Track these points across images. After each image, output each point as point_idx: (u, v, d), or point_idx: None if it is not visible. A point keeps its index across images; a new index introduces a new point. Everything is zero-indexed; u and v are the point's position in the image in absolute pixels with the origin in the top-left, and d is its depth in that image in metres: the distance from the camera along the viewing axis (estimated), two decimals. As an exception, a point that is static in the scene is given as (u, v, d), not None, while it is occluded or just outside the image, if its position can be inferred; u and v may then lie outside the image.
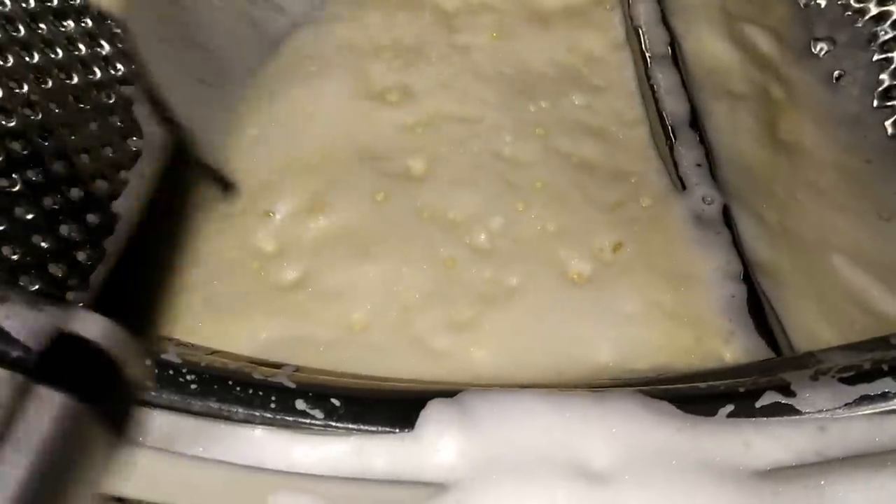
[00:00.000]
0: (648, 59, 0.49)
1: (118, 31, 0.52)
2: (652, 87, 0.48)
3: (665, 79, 0.48)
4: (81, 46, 0.50)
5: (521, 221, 0.44)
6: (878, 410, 0.29)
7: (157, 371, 0.27)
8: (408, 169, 0.46)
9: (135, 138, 0.50)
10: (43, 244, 0.43)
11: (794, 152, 0.49)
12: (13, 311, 0.24)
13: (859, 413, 0.29)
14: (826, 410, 0.30)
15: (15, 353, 0.23)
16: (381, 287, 0.41)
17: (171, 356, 0.28)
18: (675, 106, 0.47)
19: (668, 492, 0.28)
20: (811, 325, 0.41)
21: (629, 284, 0.41)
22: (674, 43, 0.49)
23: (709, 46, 0.50)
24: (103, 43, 0.51)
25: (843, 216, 0.47)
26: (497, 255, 0.43)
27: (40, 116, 0.46)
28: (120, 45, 0.52)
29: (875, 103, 0.52)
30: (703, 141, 0.46)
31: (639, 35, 0.50)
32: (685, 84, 0.48)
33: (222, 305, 0.41)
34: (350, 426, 0.29)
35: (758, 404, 0.30)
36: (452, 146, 0.46)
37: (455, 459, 0.28)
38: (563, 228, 0.43)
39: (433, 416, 0.29)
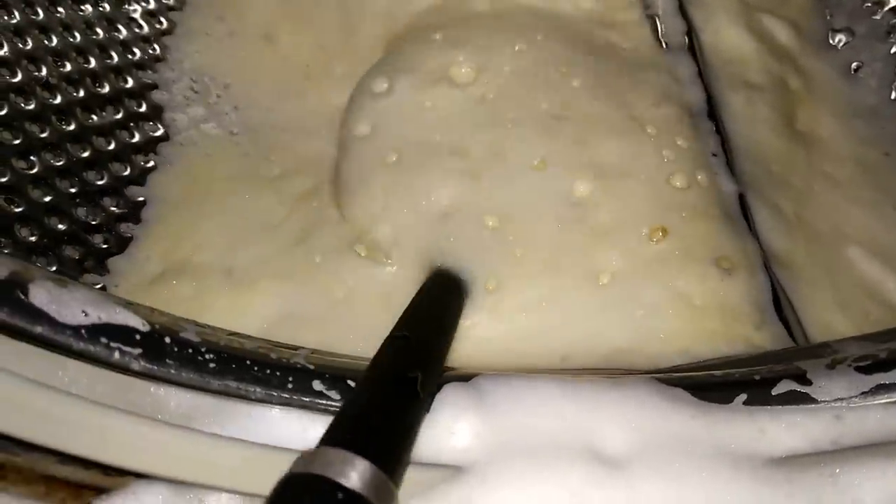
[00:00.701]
0: (665, 48, 0.49)
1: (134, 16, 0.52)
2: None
3: (682, 68, 0.48)
4: (99, 30, 0.50)
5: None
6: (893, 399, 0.29)
7: (176, 350, 0.27)
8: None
9: (154, 123, 0.50)
10: (60, 226, 0.43)
11: (812, 144, 0.49)
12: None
13: (875, 402, 0.29)
14: (842, 399, 0.30)
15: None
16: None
17: (190, 335, 0.28)
18: (691, 96, 0.47)
19: (682, 477, 0.28)
20: (826, 317, 0.41)
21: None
22: (691, 32, 0.49)
23: (726, 37, 0.50)
24: (120, 27, 0.51)
25: (860, 208, 0.47)
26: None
27: (59, 100, 0.46)
28: (137, 31, 0.52)
29: (893, 95, 0.52)
30: (720, 131, 0.46)
31: (655, 24, 0.50)
32: (702, 74, 0.48)
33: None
34: (365, 407, 0.29)
35: (773, 392, 0.30)
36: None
37: (470, 442, 0.28)
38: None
39: (449, 399, 0.29)
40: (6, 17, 0.45)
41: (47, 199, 0.43)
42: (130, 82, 0.51)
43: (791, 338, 0.39)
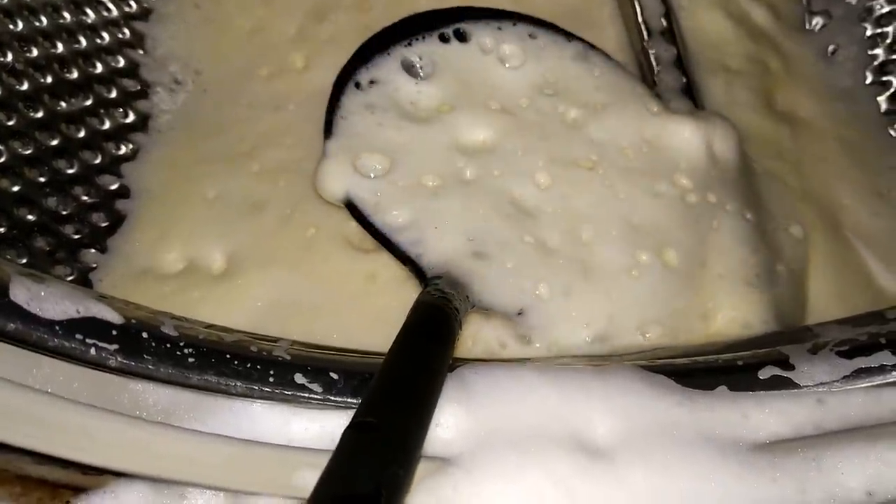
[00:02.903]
0: (645, 32, 0.48)
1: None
2: (647, 60, 0.48)
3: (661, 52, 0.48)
4: (66, 14, 0.48)
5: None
6: (875, 383, 0.30)
7: (154, 345, 0.27)
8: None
9: (124, 111, 0.49)
10: (29, 217, 0.42)
11: (795, 123, 0.49)
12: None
13: (857, 386, 0.30)
14: (824, 384, 0.30)
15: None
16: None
17: (168, 329, 0.28)
18: (671, 80, 0.46)
19: (668, 464, 0.28)
20: (824, 301, 0.42)
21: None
22: (670, 15, 0.49)
23: (705, 20, 0.50)
24: (88, 11, 0.50)
25: (845, 187, 0.47)
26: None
27: (26, 86, 0.45)
28: (105, 14, 0.51)
29: (869, 79, 0.52)
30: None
31: (634, 7, 0.49)
32: (681, 58, 0.48)
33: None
34: (349, 400, 0.29)
35: (756, 378, 0.30)
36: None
37: (455, 434, 0.28)
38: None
39: (433, 390, 0.29)
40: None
41: (15, 189, 0.42)
42: (100, 68, 0.49)
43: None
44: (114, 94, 0.49)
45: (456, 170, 0.41)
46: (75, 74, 0.47)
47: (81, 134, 0.46)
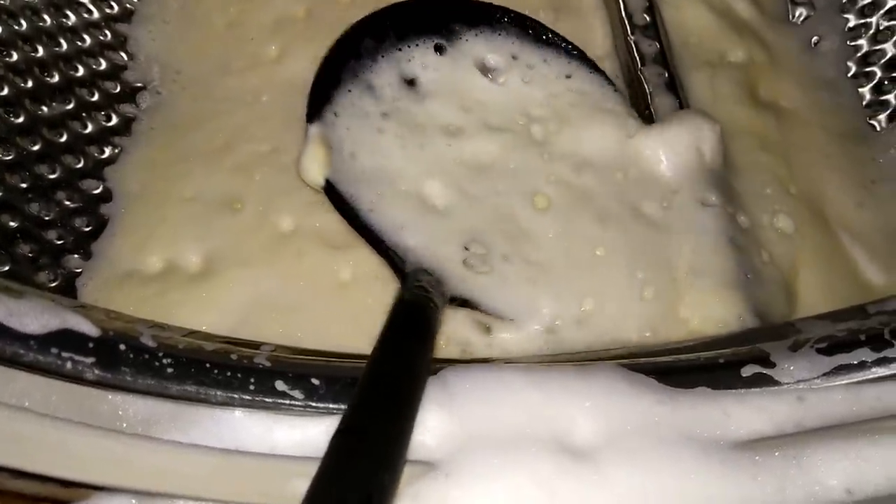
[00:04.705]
0: (628, 27, 0.48)
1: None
2: (631, 54, 0.48)
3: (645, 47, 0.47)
4: (46, 17, 0.48)
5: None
6: (855, 380, 0.30)
7: (133, 356, 0.26)
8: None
9: (107, 114, 0.49)
10: (12, 224, 0.42)
11: (780, 113, 0.49)
12: None
13: (837, 383, 0.30)
14: (804, 381, 0.30)
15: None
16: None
17: (146, 340, 0.27)
18: (655, 75, 0.46)
19: (650, 464, 0.28)
20: (813, 294, 0.42)
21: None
22: (653, 10, 0.49)
23: (689, 14, 0.50)
24: (69, 13, 0.50)
25: (830, 178, 0.47)
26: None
27: (6, 91, 0.44)
28: (85, 16, 0.50)
29: (852, 69, 0.52)
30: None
31: (617, 1, 0.49)
32: (664, 52, 0.47)
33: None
34: (331, 406, 0.29)
35: (738, 376, 0.30)
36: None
37: (439, 437, 0.28)
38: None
39: (415, 394, 0.29)
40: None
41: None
42: (82, 71, 0.49)
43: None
44: (96, 97, 0.49)
45: (446, 170, 0.42)
46: (56, 78, 0.47)
47: (63, 138, 0.46)
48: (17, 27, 0.46)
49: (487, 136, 0.43)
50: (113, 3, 0.52)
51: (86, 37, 0.50)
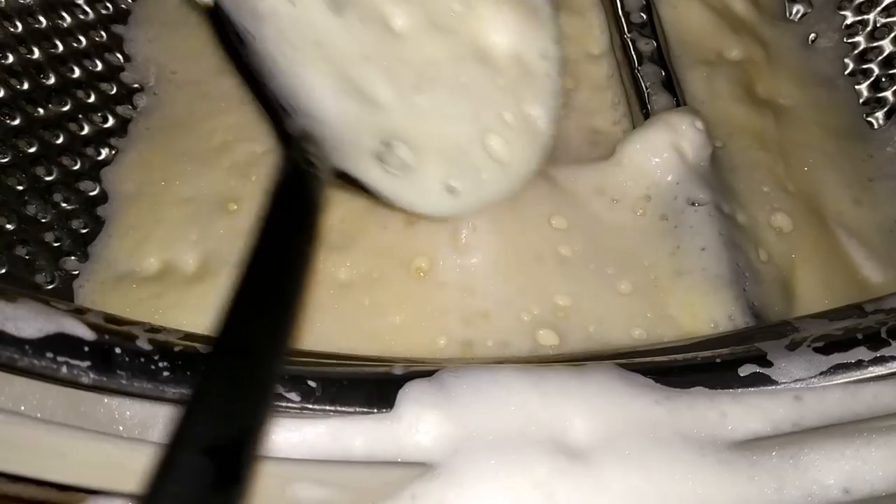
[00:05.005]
0: (625, 25, 0.48)
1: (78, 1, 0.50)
2: (628, 53, 0.48)
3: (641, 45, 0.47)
4: (42, 19, 0.48)
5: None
6: (852, 379, 0.30)
7: (128, 360, 0.26)
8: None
9: (103, 115, 0.48)
10: (8, 226, 0.42)
11: (777, 111, 0.49)
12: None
13: (834, 382, 0.30)
14: (801, 380, 0.30)
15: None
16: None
17: (142, 343, 0.27)
18: (651, 74, 0.46)
19: (647, 464, 0.28)
20: (811, 291, 0.42)
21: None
22: (650, 8, 0.49)
23: (686, 12, 0.50)
24: (65, 15, 0.50)
25: (827, 175, 0.47)
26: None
27: (2, 93, 0.44)
28: (81, 17, 0.50)
29: (850, 67, 0.52)
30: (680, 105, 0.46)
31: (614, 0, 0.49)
32: (661, 50, 0.47)
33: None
34: (328, 408, 0.29)
35: (735, 375, 0.30)
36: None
37: (436, 439, 0.28)
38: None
39: (412, 395, 0.29)
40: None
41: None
42: (78, 72, 0.49)
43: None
44: (92, 99, 0.49)
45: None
46: (53, 80, 0.47)
47: (60, 140, 0.46)
48: (12, 29, 0.46)
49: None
50: (108, 5, 0.52)
51: (82, 38, 0.50)
